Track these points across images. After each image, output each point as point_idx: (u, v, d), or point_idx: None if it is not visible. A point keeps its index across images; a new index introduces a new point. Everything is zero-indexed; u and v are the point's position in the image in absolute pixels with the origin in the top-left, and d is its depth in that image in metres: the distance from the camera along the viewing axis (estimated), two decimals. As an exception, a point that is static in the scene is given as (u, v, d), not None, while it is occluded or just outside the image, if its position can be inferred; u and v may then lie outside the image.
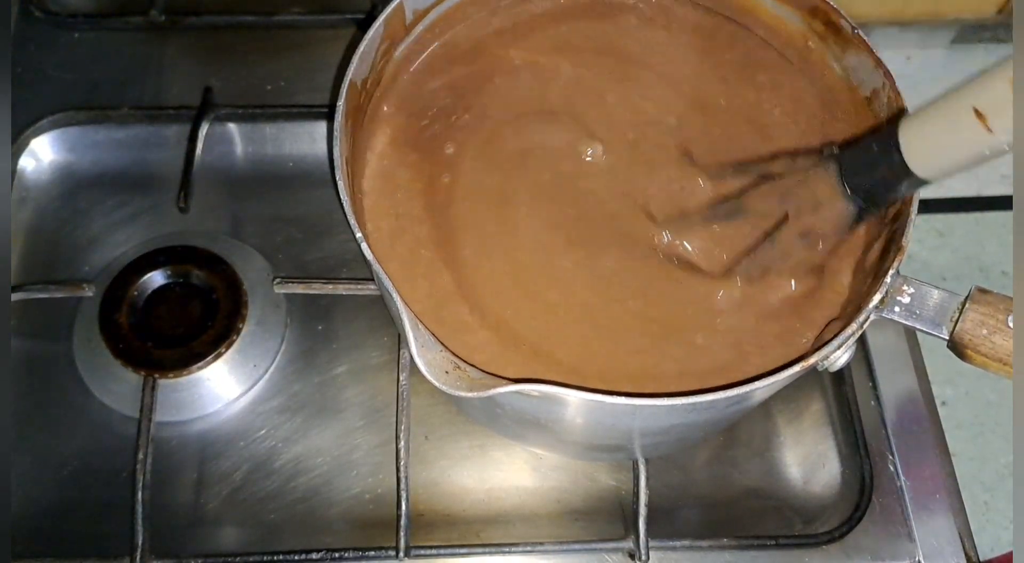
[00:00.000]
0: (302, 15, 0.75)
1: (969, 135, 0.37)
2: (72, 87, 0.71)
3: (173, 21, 0.74)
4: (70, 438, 0.60)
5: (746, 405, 0.51)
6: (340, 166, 0.46)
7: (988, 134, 0.36)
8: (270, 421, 0.61)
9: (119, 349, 0.59)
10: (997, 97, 0.35)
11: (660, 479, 0.59)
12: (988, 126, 0.36)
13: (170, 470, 0.59)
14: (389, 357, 0.62)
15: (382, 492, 0.59)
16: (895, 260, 0.44)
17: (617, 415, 0.44)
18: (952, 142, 0.38)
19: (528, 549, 0.56)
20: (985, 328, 0.43)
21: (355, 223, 0.44)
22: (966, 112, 0.36)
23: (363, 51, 0.49)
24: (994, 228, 1.53)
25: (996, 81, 0.35)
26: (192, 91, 0.70)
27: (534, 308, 0.50)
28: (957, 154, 0.39)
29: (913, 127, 0.40)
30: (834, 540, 0.57)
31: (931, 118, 0.39)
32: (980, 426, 1.38)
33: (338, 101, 0.47)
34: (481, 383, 0.41)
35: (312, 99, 0.70)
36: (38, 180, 0.69)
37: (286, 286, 0.62)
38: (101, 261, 0.65)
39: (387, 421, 0.60)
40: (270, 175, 0.69)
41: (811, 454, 0.61)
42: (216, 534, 0.58)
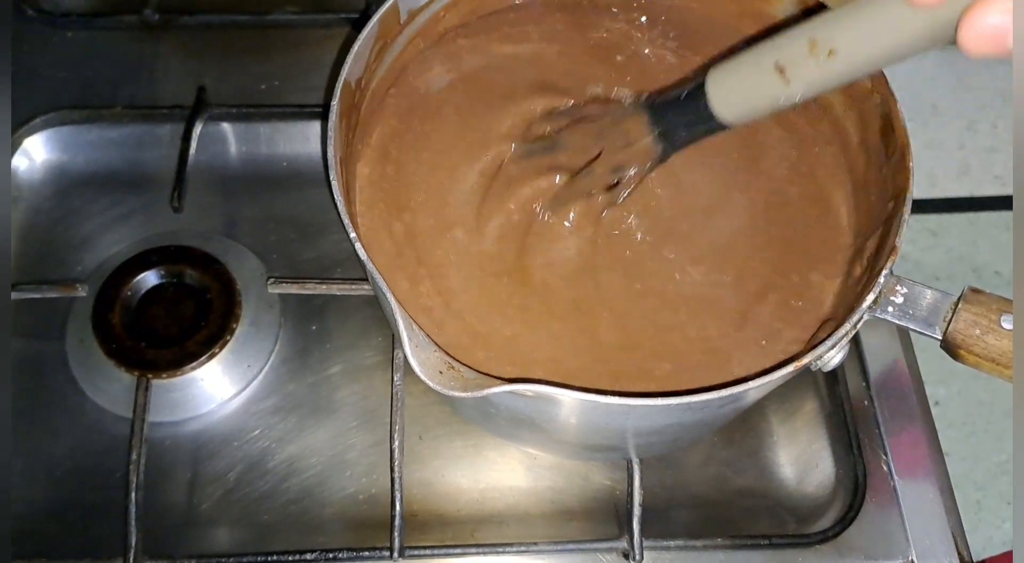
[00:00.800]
0: (296, 14, 0.75)
1: (770, 85, 0.42)
2: (65, 86, 0.71)
3: (167, 20, 0.74)
4: (63, 438, 0.60)
5: (740, 405, 0.51)
6: (334, 166, 0.45)
7: (786, 85, 0.41)
8: (264, 421, 0.61)
9: (112, 349, 0.59)
10: (796, 53, 0.40)
11: (654, 479, 0.59)
12: (786, 78, 0.41)
13: (163, 470, 0.59)
14: (383, 357, 0.62)
15: (376, 492, 0.59)
16: (888, 260, 0.44)
17: (611, 415, 0.44)
18: (754, 92, 0.43)
19: (522, 549, 0.56)
20: (978, 328, 0.43)
21: (349, 223, 0.44)
22: (769, 65, 0.41)
23: (357, 51, 0.49)
24: (987, 228, 1.53)
25: (797, 39, 0.40)
26: (186, 90, 0.70)
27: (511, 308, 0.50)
28: (758, 102, 0.43)
29: (720, 78, 0.44)
30: (828, 540, 0.57)
31: (736, 70, 0.44)
32: (972, 426, 1.38)
33: (332, 101, 0.47)
34: (475, 383, 0.41)
35: (306, 99, 0.70)
36: (31, 179, 0.68)
37: (280, 286, 0.62)
38: (94, 261, 0.65)
39: (381, 421, 0.60)
40: (264, 175, 0.69)
41: (805, 454, 0.62)
42: (210, 535, 0.58)
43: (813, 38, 0.39)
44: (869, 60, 0.39)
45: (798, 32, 0.40)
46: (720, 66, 0.44)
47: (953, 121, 1.64)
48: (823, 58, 0.39)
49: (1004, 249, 1.51)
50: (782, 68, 0.41)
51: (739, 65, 0.44)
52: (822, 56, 0.39)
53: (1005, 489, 1.34)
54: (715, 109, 0.44)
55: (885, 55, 0.38)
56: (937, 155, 1.60)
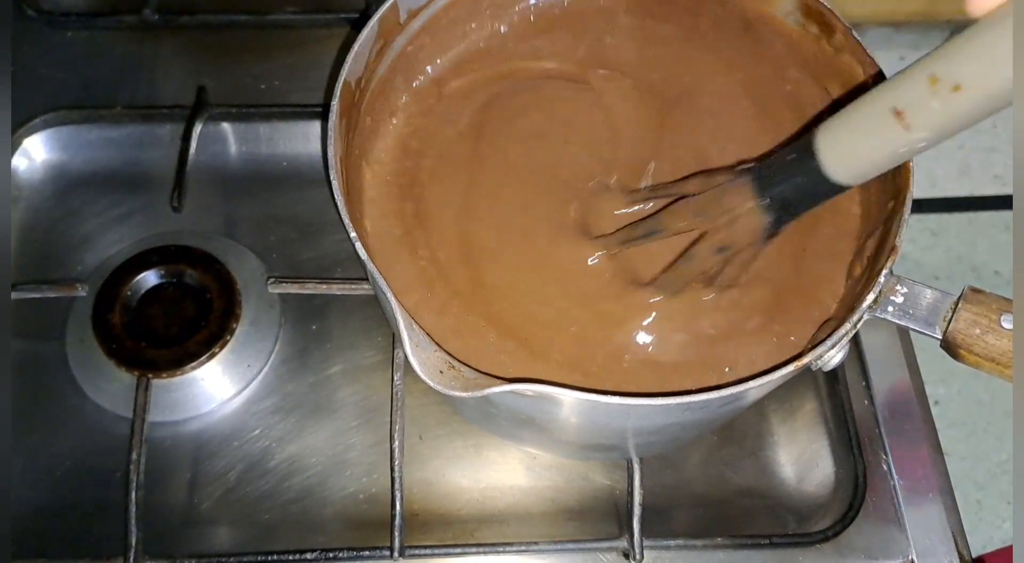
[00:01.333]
0: (296, 14, 0.75)
1: (888, 135, 0.37)
2: (65, 86, 0.71)
3: (166, 20, 0.74)
4: (63, 438, 0.60)
5: (740, 405, 0.51)
6: (334, 165, 0.45)
7: (907, 133, 0.36)
8: (264, 421, 0.61)
9: (112, 349, 0.59)
10: (915, 94, 0.35)
11: (654, 478, 0.59)
12: (907, 124, 0.36)
13: (164, 470, 0.59)
14: (383, 357, 0.62)
15: (376, 492, 0.59)
16: (888, 260, 0.44)
17: (611, 415, 0.44)
18: (871, 144, 0.39)
19: (523, 548, 0.56)
20: (978, 328, 0.43)
21: (349, 223, 0.44)
22: (884, 112, 0.37)
23: (357, 50, 0.49)
24: (987, 228, 1.53)
25: (914, 79, 0.35)
26: (186, 90, 0.70)
27: (524, 308, 0.50)
28: (876, 156, 0.39)
29: (830, 133, 0.40)
30: (828, 539, 0.57)
31: (848, 121, 0.39)
32: (972, 425, 1.38)
33: (332, 100, 0.47)
34: (475, 383, 0.41)
35: (306, 98, 0.70)
36: (31, 179, 0.68)
37: (280, 286, 0.62)
38: (94, 261, 0.65)
39: (381, 421, 0.60)
40: (264, 175, 0.69)
41: (805, 453, 0.62)
42: (210, 534, 0.58)
43: (933, 73, 0.35)
44: (1002, 90, 0.33)
45: (914, 70, 0.36)
46: (830, 121, 0.40)
47: (953, 121, 1.64)
48: (946, 94, 0.34)
49: (1004, 249, 1.51)
50: (900, 112, 0.36)
51: (850, 116, 0.39)
52: (945, 92, 0.34)
53: (1005, 489, 1.34)
54: (828, 169, 0.40)
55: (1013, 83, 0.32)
56: (937, 155, 1.60)
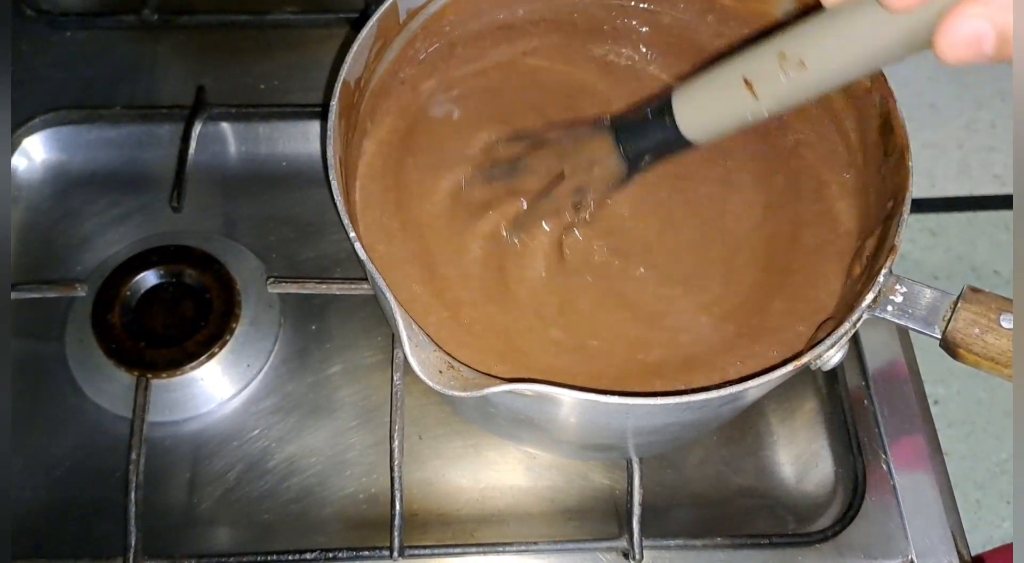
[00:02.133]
0: (295, 14, 0.75)
1: (738, 101, 0.41)
2: (64, 86, 0.71)
3: (166, 20, 0.73)
4: (63, 438, 0.60)
5: (739, 404, 0.51)
6: (334, 165, 0.45)
7: (754, 101, 0.40)
8: (264, 421, 0.61)
9: (112, 349, 0.59)
10: (765, 67, 0.39)
11: (654, 478, 0.59)
12: (755, 93, 0.40)
13: (163, 470, 0.59)
14: (383, 357, 0.62)
15: (376, 492, 0.59)
16: (887, 259, 0.44)
17: (610, 414, 0.44)
18: (722, 108, 0.42)
19: (522, 548, 0.56)
20: (977, 327, 0.43)
21: (348, 222, 0.44)
22: (736, 80, 0.40)
23: (356, 50, 0.49)
24: (986, 228, 1.53)
25: (765, 54, 0.39)
26: (185, 90, 0.70)
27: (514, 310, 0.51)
28: (725, 119, 0.43)
29: (686, 94, 0.44)
30: (827, 539, 0.57)
31: (703, 86, 0.43)
32: (972, 425, 1.38)
33: (332, 100, 0.47)
34: (475, 383, 0.41)
35: (306, 98, 0.70)
36: (30, 179, 0.68)
37: (279, 286, 0.62)
38: (94, 261, 0.65)
39: (381, 421, 0.60)
40: (263, 174, 0.69)
41: (804, 453, 0.62)
42: (209, 534, 0.58)
43: (782, 50, 0.39)
44: (842, 70, 0.38)
45: (766, 45, 0.40)
46: (686, 83, 0.44)
47: (952, 120, 1.64)
48: (793, 71, 0.38)
49: (1003, 248, 1.51)
50: (750, 82, 0.40)
51: (706, 81, 0.43)
52: (792, 69, 0.38)
53: (1005, 488, 1.34)
54: (682, 126, 0.44)
55: (858, 65, 0.37)
56: (936, 154, 1.60)
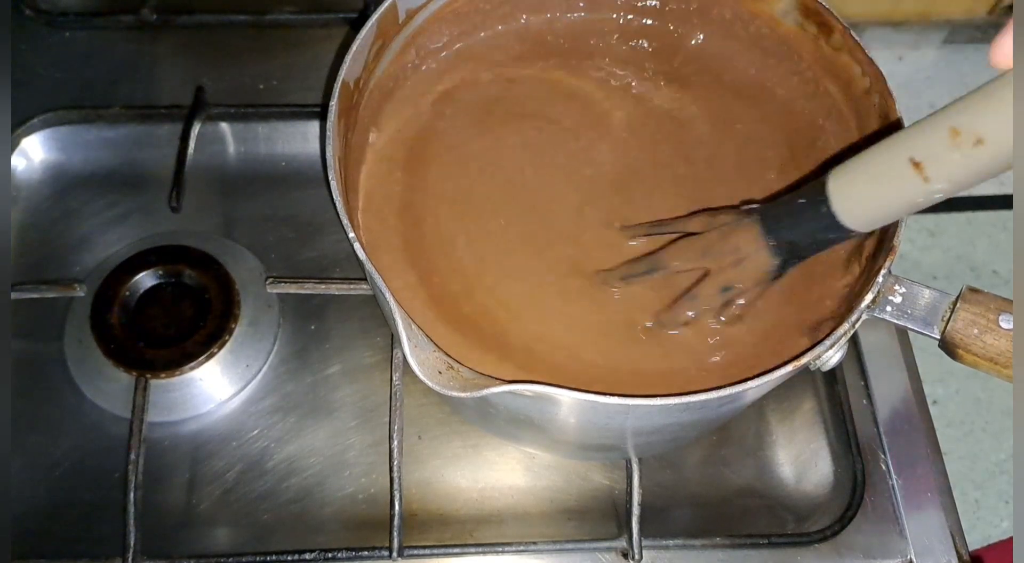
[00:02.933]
0: (294, 14, 0.74)
1: (905, 185, 0.37)
2: (63, 86, 0.71)
3: (165, 20, 0.73)
4: (61, 439, 0.59)
5: (738, 405, 0.51)
6: (333, 165, 0.45)
7: (924, 184, 0.36)
8: (263, 421, 0.61)
9: (111, 349, 0.59)
10: (935, 146, 0.35)
11: (653, 478, 0.59)
12: (925, 176, 0.36)
13: (162, 470, 0.59)
14: (382, 357, 0.62)
15: (375, 492, 0.59)
16: (886, 260, 0.44)
17: (610, 415, 0.44)
18: (886, 193, 0.38)
19: (521, 548, 0.56)
20: (976, 327, 0.43)
21: (348, 223, 0.44)
22: (902, 162, 0.36)
23: (356, 50, 0.49)
24: (985, 228, 1.54)
25: (934, 129, 0.35)
26: (184, 90, 0.70)
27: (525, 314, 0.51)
28: (891, 205, 0.39)
29: (843, 179, 0.40)
30: (826, 539, 0.57)
31: (864, 169, 0.39)
32: (971, 425, 1.38)
33: (331, 101, 0.47)
34: (474, 383, 0.41)
35: (305, 98, 0.70)
36: (29, 179, 0.68)
37: (278, 286, 0.62)
38: (92, 261, 0.65)
39: (380, 421, 0.60)
40: (262, 175, 0.69)
41: (803, 453, 0.62)
42: (209, 534, 0.58)
43: (954, 126, 0.34)
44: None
45: (935, 120, 0.35)
46: (844, 166, 0.40)
47: (951, 120, 1.64)
48: (968, 148, 0.34)
49: (1002, 248, 1.51)
50: (919, 164, 0.35)
51: (867, 162, 0.39)
52: (967, 146, 0.34)
53: (1003, 488, 1.34)
54: (840, 215, 0.40)
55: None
56: (935, 154, 1.60)
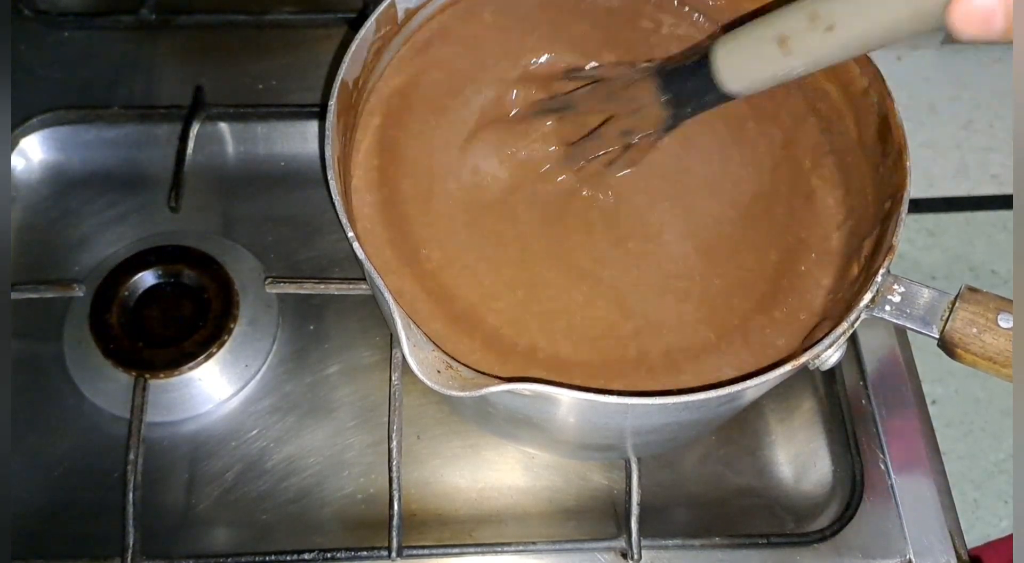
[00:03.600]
0: (293, 14, 0.74)
1: (772, 58, 0.42)
2: (62, 86, 0.71)
3: (164, 20, 0.73)
4: (60, 439, 0.59)
5: (737, 404, 0.51)
6: (332, 165, 0.45)
7: (787, 58, 0.42)
8: (262, 421, 0.61)
9: (110, 349, 0.59)
10: (797, 26, 0.41)
11: (652, 478, 0.59)
12: (787, 50, 0.41)
13: (161, 470, 0.59)
14: (381, 357, 0.62)
15: (374, 492, 0.59)
16: (885, 259, 0.44)
17: (609, 414, 0.44)
18: (758, 63, 0.44)
19: (520, 548, 0.56)
20: (975, 327, 0.43)
21: (347, 222, 0.44)
22: (770, 38, 0.42)
23: (355, 50, 0.49)
24: (984, 227, 1.54)
25: (798, 12, 0.41)
26: (183, 90, 0.70)
27: (520, 306, 0.50)
28: (760, 73, 0.44)
29: (725, 48, 0.45)
30: (825, 538, 0.57)
31: (741, 41, 0.44)
32: (970, 424, 1.38)
33: (330, 100, 0.47)
34: (473, 382, 0.41)
35: (304, 98, 0.70)
36: (28, 180, 0.68)
37: (278, 286, 0.62)
38: (91, 261, 0.64)
39: (379, 421, 0.60)
40: (261, 174, 0.69)
41: (802, 453, 0.62)
42: (208, 535, 0.58)
43: (814, 11, 0.40)
44: (865, 36, 0.39)
45: (800, 4, 0.41)
46: (725, 36, 0.45)
47: (950, 120, 1.64)
48: (822, 32, 0.40)
49: (1001, 248, 1.51)
50: (783, 40, 0.41)
51: (743, 35, 0.44)
52: (821, 30, 0.40)
53: (1002, 487, 1.34)
54: (721, 78, 0.45)
55: (880, 32, 0.39)
56: (934, 154, 1.61)
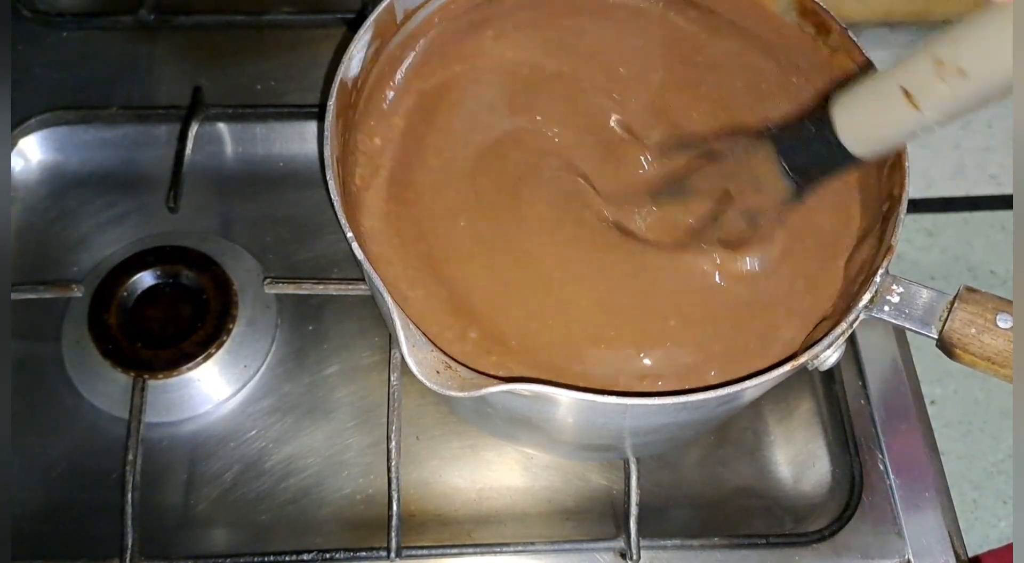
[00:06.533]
0: (292, 14, 0.75)
1: (899, 114, 0.38)
2: (61, 87, 0.71)
3: (162, 20, 0.73)
4: (59, 439, 0.59)
5: (736, 404, 0.51)
6: (331, 166, 0.45)
7: (916, 112, 0.38)
8: (261, 422, 0.61)
9: (108, 350, 0.59)
10: (922, 76, 0.37)
11: (651, 478, 0.59)
12: (915, 104, 0.37)
13: (160, 471, 0.59)
14: (380, 357, 0.62)
15: (373, 492, 0.59)
16: (884, 259, 0.44)
17: (608, 414, 0.44)
18: (883, 121, 0.40)
19: (519, 549, 0.56)
20: (974, 327, 0.43)
21: (346, 223, 0.44)
22: (895, 91, 0.38)
23: (353, 50, 0.49)
24: (982, 228, 1.54)
25: (922, 60, 0.37)
26: (182, 91, 0.70)
27: (522, 310, 0.50)
28: (888, 132, 0.41)
29: (845, 107, 0.41)
30: (824, 539, 0.57)
31: (861, 98, 0.41)
32: (968, 425, 1.38)
33: (328, 101, 0.47)
34: (472, 383, 0.41)
35: (302, 99, 0.70)
36: (27, 180, 0.68)
37: (276, 286, 0.62)
38: (90, 261, 0.64)
39: (378, 421, 0.60)
40: (260, 175, 0.69)
41: (801, 453, 0.62)
42: (206, 535, 0.58)
43: (938, 57, 0.36)
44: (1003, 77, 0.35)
45: (923, 52, 0.37)
46: (842, 91, 0.42)
47: (949, 121, 1.64)
48: (953, 79, 0.35)
49: (1000, 248, 1.52)
50: (909, 93, 0.37)
51: (864, 93, 0.41)
52: (951, 76, 0.35)
53: (1001, 488, 1.34)
54: (845, 140, 0.42)
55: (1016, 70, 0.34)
56: (933, 155, 1.61)
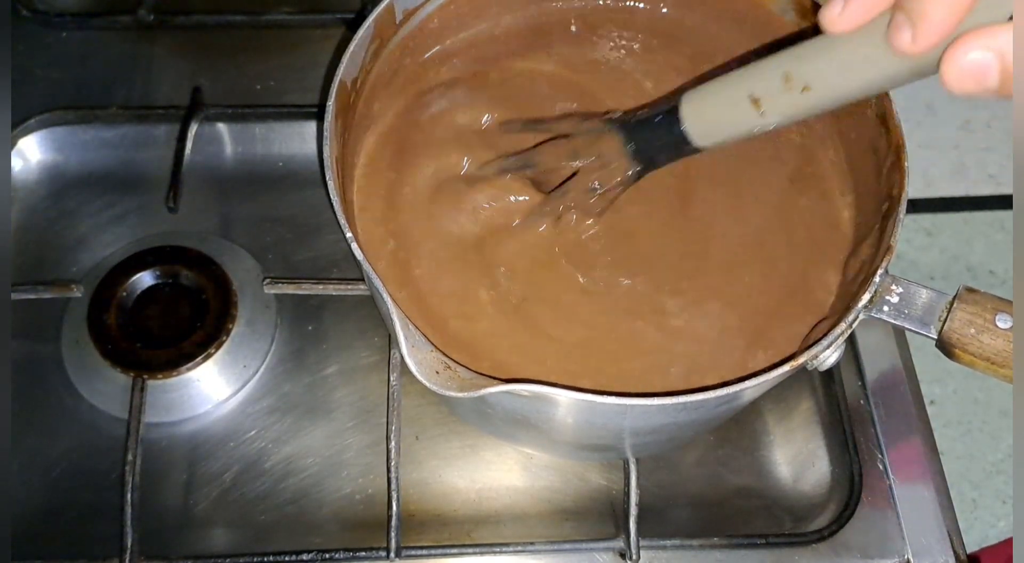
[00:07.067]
0: (292, 14, 0.74)
1: (743, 115, 0.42)
2: (60, 86, 0.71)
3: (162, 20, 0.73)
4: (59, 440, 0.59)
5: (736, 404, 0.51)
6: (330, 166, 0.45)
7: (760, 117, 0.42)
8: (260, 422, 0.61)
9: (108, 350, 0.59)
10: (771, 87, 0.40)
11: (651, 478, 0.59)
12: (761, 110, 0.41)
13: (159, 471, 0.59)
14: (379, 357, 0.62)
15: (373, 492, 0.59)
16: (883, 260, 0.44)
17: (607, 415, 0.44)
18: (728, 120, 0.44)
19: (519, 549, 0.56)
20: (973, 327, 0.43)
21: (345, 223, 0.44)
22: (743, 97, 0.42)
23: (353, 51, 0.49)
24: (982, 228, 1.54)
25: (772, 72, 0.40)
26: (181, 91, 0.70)
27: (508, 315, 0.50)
28: (731, 129, 0.44)
29: (694, 104, 0.45)
30: (824, 539, 0.57)
31: (711, 98, 0.44)
32: (968, 425, 1.38)
33: (328, 101, 0.47)
34: (472, 383, 0.41)
35: (302, 99, 0.70)
36: (26, 180, 0.68)
37: (276, 286, 0.62)
38: (89, 261, 0.64)
39: (377, 421, 0.60)
40: (260, 175, 0.69)
41: (801, 453, 0.62)
42: (206, 535, 0.58)
43: (788, 72, 0.40)
44: (845, 95, 0.39)
45: (773, 64, 0.40)
46: (695, 91, 0.45)
47: (948, 121, 1.64)
48: (797, 93, 0.39)
49: (999, 248, 1.52)
50: (756, 99, 0.41)
51: (714, 92, 0.44)
52: (796, 91, 0.39)
53: (1001, 488, 1.34)
54: (689, 133, 0.45)
55: (863, 89, 0.38)
56: (932, 155, 1.61)
